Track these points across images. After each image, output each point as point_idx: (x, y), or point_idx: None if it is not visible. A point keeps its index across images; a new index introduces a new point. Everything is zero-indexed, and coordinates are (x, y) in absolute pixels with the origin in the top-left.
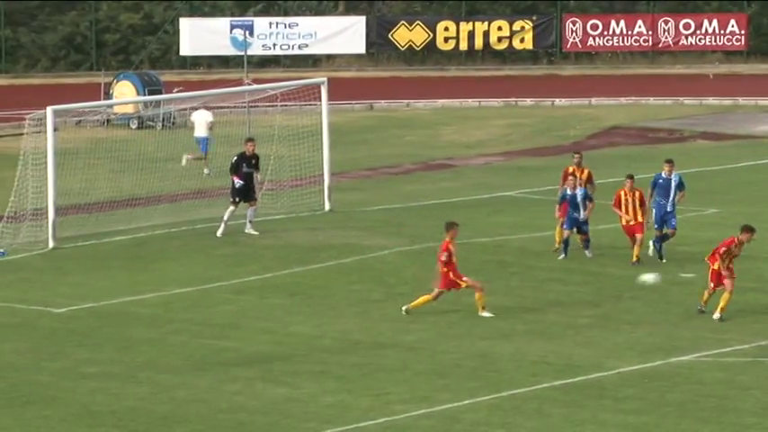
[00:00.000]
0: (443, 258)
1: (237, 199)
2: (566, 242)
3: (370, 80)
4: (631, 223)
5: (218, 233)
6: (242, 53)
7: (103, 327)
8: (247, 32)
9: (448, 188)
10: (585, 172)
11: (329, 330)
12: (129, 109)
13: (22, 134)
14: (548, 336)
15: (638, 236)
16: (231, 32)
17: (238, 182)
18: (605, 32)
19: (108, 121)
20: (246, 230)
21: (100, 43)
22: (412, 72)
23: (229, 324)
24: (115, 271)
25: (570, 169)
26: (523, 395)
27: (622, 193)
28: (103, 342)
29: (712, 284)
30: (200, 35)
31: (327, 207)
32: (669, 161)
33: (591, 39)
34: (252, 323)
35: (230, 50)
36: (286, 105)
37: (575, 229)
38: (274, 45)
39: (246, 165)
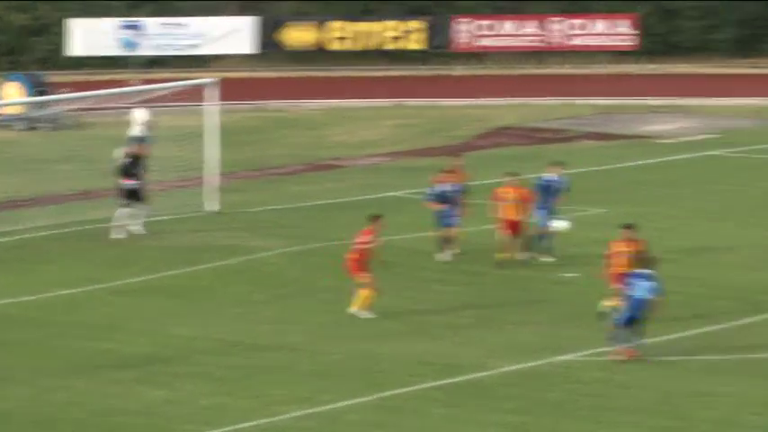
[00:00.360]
0: (356, 247)
1: (129, 200)
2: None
3: (259, 80)
4: (511, 219)
5: (116, 235)
6: (130, 54)
7: None
8: (137, 33)
9: (334, 189)
10: (464, 175)
11: (210, 332)
12: (16, 110)
13: None
14: (429, 336)
15: (513, 235)
16: (120, 33)
17: (129, 184)
18: (495, 33)
19: None
20: (133, 228)
21: None
22: (302, 72)
23: (109, 326)
24: None
25: (451, 170)
26: (404, 395)
27: (505, 190)
28: None
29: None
30: (90, 36)
31: (214, 208)
32: (557, 163)
33: (481, 39)
34: (132, 325)
35: (119, 51)
36: (175, 106)
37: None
38: (163, 45)
39: (136, 167)
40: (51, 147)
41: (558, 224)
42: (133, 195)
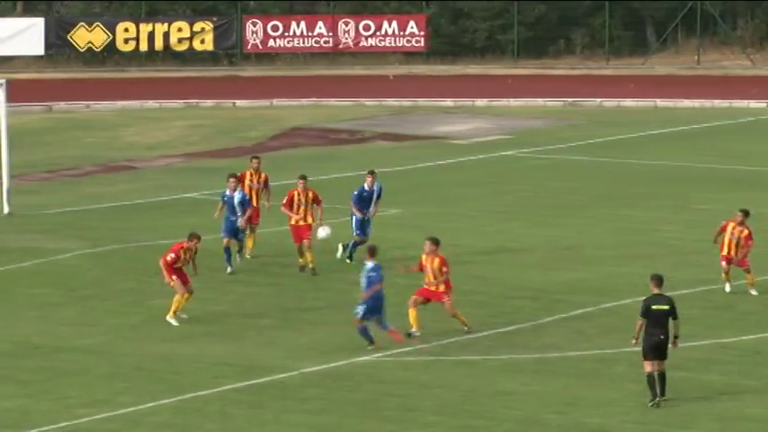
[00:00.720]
0: (168, 258)
1: None
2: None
3: (48, 82)
4: (300, 224)
5: None
6: None
7: None
8: None
9: (129, 190)
10: (263, 176)
11: (9, 335)
12: None
13: None
14: (229, 337)
15: (306, 241)
16: None
17: None
18: (286, 33)
19: None
20: None
21: None
22: (92, 73)
23: None
24: None
25: (247, 173)
26: (206, 397)
27: (295, 193)
28: None
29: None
30: None
31: (6, 210)
32: (371, 172)
33: (271, 40)
34: None
35: None
36: None
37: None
38: None
39: None
40: None
41: (321, 233)
42: None
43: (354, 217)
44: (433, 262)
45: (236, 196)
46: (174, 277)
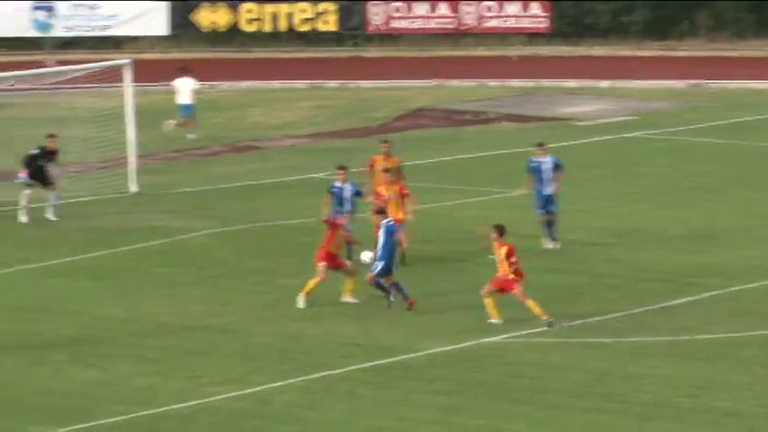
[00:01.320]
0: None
1: (32, 183)
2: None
3: (173, 62)
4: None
5: (23, 219)
6: (44, 35)
7: None
8: (49, 14)
9: (255, 170)
10: (395, 161)
11: (139, 313)
12: None
13: None
14: (358, 317)
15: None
16: (32, 13)
17: (24, 176)
18: (408, 15)
19: None
20: (47, 215)
21: None
22: (216, 54)
23: (37, 307)
24: None
25: (378, 158)
26: (334, 377)
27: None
28: None
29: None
30: (1, 17)
31: (135, 189)
32: (540, 144)
33: (394, 21)
34: (61, 306)
35: (32, 32)
36: (90, 87)
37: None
38: (77, 26)
39: (44, 159)
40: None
41: (365, 256)
42: (36, 179)
43: (535, 196)
44: (500, 250)
45: (347, 188)
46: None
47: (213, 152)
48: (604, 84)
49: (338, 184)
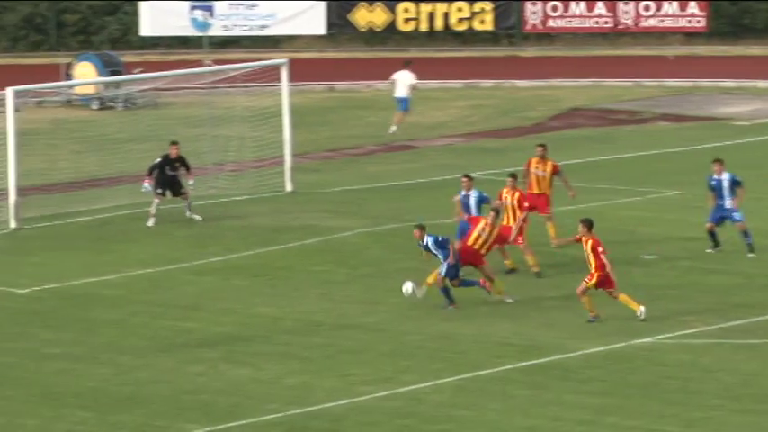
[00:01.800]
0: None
1: (161, 191)
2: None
3: (330, 61)
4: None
5: (149, 224)
6: (202, 34)
7: (66, 307)
8: (207, 13)
9: (410, 169)
10: (549, 164)
11: (292, 311)
12: (90, 90)
13: None
14: (511, 317)
15: (518, 244)
16: (191, 13)
17: (146, 186)
18: (565, 14)
19: (69, 101)
20: (188, 215)
21: (60, 23)
22: (372, 53)
23: (192, 305)
24: (78, 252)
25: (532, 160)
26: (487, 376)
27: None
28: (66, 323)
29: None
30: (161, 16)
31: (289, 188)
32: (718, 160)
33: (551, 20)
34: (214, 304)
35: (190, 31)
36: (247, 86)
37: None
38: (234, 26)
39: (170, 168)
40: (126, 126)
41: (406, 288)
42: (167, 187)
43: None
44: (587, 244)
45: (473, 195)
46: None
47: (367, 151)
48: (762, 84)
49: (464, 192)
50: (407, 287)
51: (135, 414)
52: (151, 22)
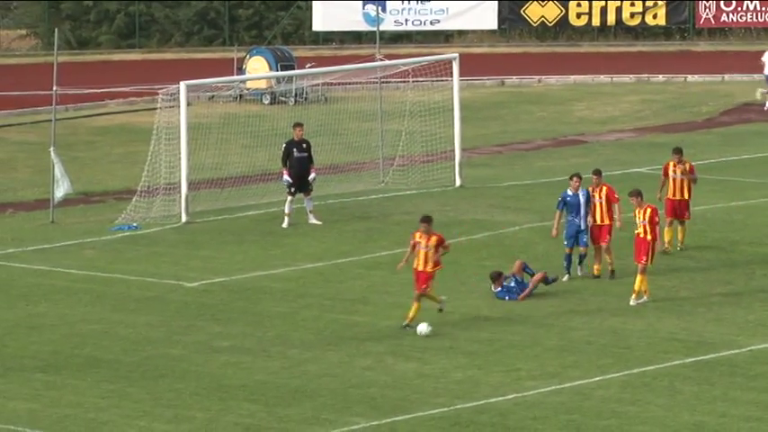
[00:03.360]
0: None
1: (293, 189)
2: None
3: (501, 56)
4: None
5: (284, 225)
6: (374, 29)
7: (235, 301)
8: (380, 8)
9: (579, 164)
10: (688, 165)
11: (459, 306)
12: (262, 84)
13: (155, 109)
14: (679, 312)
15: (603, 243)
16: (364, 8)
17: (287, 178)
18: (738, 9)
19: (241, 96)
20: (310, 221)
21: (233, 18)
22: (544, 48)
23: (360, 299)
24: (247, 245)
25: (670, 164)
26: (654, 372)
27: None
28: (235, 316)
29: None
30: (333, 11)
31: (458, 183)
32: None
33: (724, 15)
34: (382, 298)
35: (363, 26)
36: (417, 81)
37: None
38: (406, 21)
39: (297, 150)
40: (297, 121)
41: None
42: (295, 183)
43: None
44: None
45: (581, 194)
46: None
47: (536, 146)
48: None
49: (571, 192)
50: (422, 328)
51: (303, 407)
52: (323, 17)
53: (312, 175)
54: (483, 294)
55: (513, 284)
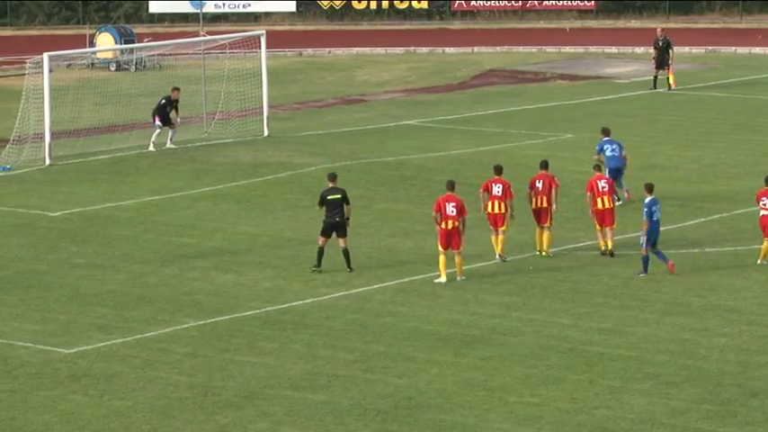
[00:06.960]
0: None
1: (161, 124)
2: None
3: (299, 33)
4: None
5: (151, 148)
6: (198, 11)
7: (90, 227)
8: None
9: (361, 118)
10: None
11: (268, 230)
12: (109, 55)
13: (24, 74)
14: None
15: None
16: None
17: (159, 123)
18: None
19: (92, 64)
20: (167, 145)
21: (85, 2)
22: (333, 26)
23: (189, 225)
24: (99, 183)
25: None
26: (421, 281)
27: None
28: (89, 239)
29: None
30: None
31: (266, 133)
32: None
33: (474, 0)
34: (207, 224)
35: (189, 8)
36: (233, 52)
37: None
38: (224, 4)
39: (170, 107)
40: (137, 84)
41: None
42: (163, 120)
43: None
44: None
45: (617, 147)
46: None
47: (328, 104)
48: (639, 50)
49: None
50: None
51: (144, 310)
52: (158, 1)
53: (178, 119)
54: (287, 221)
55: None
